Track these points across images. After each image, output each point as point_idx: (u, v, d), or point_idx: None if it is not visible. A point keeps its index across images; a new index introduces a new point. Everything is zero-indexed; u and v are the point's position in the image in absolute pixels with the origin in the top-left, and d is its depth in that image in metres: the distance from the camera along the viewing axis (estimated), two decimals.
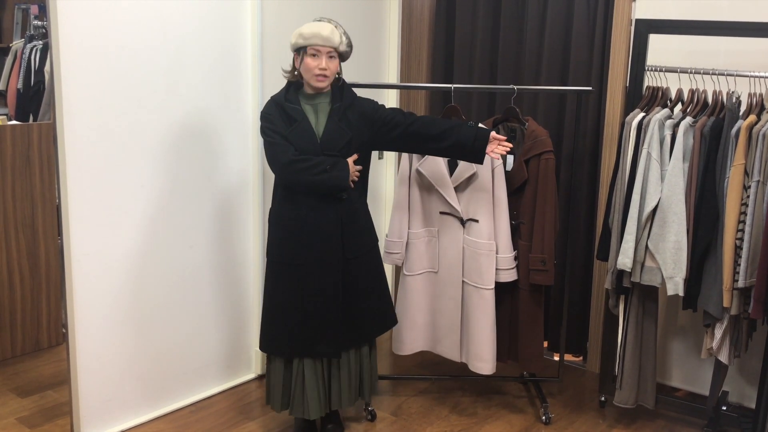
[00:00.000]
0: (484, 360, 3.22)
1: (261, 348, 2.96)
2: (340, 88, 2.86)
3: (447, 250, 3.24)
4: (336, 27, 2.75)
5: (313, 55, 2.70)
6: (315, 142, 2.76)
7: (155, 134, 3.03)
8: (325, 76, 2.72)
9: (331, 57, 2.72)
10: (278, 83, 3.48)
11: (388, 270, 4.35)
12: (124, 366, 3.08)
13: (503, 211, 3.17)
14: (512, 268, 3.20)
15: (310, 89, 2.80)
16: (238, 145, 3.39)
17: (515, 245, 3.23)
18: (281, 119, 2.78)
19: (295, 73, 2.83)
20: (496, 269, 3.18)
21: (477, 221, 3.16)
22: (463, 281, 3.22)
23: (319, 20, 2.76)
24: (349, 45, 2.79)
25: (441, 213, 3.22)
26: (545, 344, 3.91)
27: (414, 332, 3.35)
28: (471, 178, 3.14)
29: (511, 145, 2.88)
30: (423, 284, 3.32)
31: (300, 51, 2.75)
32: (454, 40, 4.01)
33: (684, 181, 2.87)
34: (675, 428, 3.26)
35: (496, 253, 3.17)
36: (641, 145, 2.93)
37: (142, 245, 3.06)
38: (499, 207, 3.16)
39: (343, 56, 2.80)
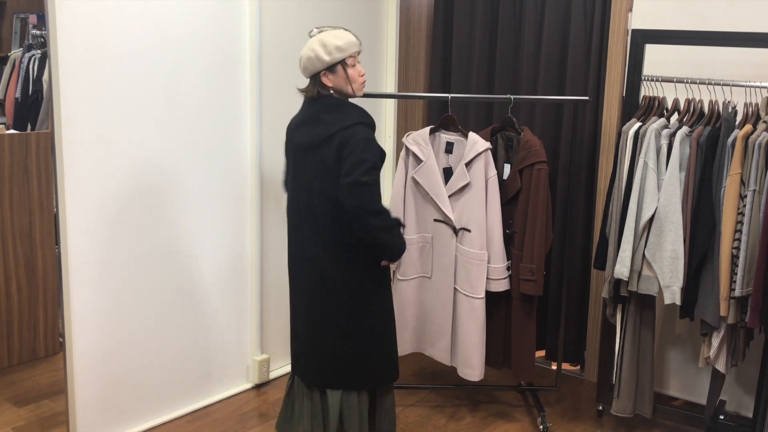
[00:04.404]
0: (471, 367, 3.24)
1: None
2: None
3: (440, 257, 3.25)
4: (346, 30, 2.67)
5: (353, 65, 2.62)
6: None
7: (153, 143, 3.04)
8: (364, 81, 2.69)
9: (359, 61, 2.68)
10: (276, 90, 3.50)
11: None
12: (121, 375, 3.08)
13: (496, 221, 3.18)
14: (504, 278, 3.21)
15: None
16: (236, 154, 3.39)
17: (509, 254, 3.24)
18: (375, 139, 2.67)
19: (331, 92, 2.64)
20: (488, 279, 3.19)
21: (469, 231, 3.16)
22: (454, 288, 3.23)
23: (330, 30, 2.64)
24: None
25: (435, 220, 3.23)
26: (542, 353, 3.92)
27: (406, 334, 3.37)
28: (465, 188, 3.15)
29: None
30: (416, 289, 3.33)
31: (335, 67, 2.59)
32: (451, 50, 4.03)
33: (680, 190, 2.87)
34: None
35: (488, 263, 3.18)
36: (638, 155, 2.94)
37: (140, 254, 3.06)
38: (493, 217, 3.17)
39: None
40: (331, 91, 2.64)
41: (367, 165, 2.49)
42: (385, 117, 4.15)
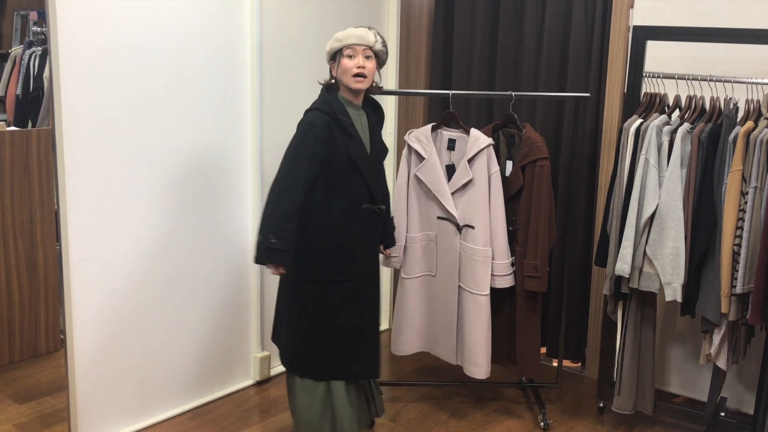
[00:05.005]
0: (478, 365, 3.23)
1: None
2: (372, 103, 2.88)
3: (444, 254, 3.25)
4: (370, 29, 2.74)
5: (350, 56, 2.69)
6: (370, 159, 2.79)
7: (154, 140, 3.04)
8: (363, 75, 2.70)
9: (367, 57, 2.71)
10: (277, 89, 3.49)
11: (386, 272, 4.35)
12: (123, 372, 3.08)
13: (500, 218, 3.18)
14: (509, 275, 3.21)
15: (351, 96, 2.76)
16: (238, 151, 3.39)
17: (513, 251, 3.24)
18: (338, 132, 2.71)
19: (333, 82, 2.79)
20: (492, 275, 3.18)
21: (473, 227, 3.16)
22: (459, 286, 3.23)
23: (356, 27, 2.76)
24: (384, 45, 2.77)
25: (438, 218, 3.23)
26: (543, 350, 3.92)
27: (411, 334, 3.37)
28: (468, 185, 3.15)
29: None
30: (420, 287, 3.33)
31: (336, 56, 2.73)
32: (452, 46, 4.02)
33: (682, 187, 2.87)
34: None
35: (492, 259, 3.17)
36: (639, 152, 2.93)
37: (141, 251, 3.06)
38: (496, 213, 3.17)
39: (379, 57, 2.76)
40: (337, 82, 2.77)
41: (290, 147, 2.68)
42: (386, 114, 4.13)
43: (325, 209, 2.72)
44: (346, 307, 2.80)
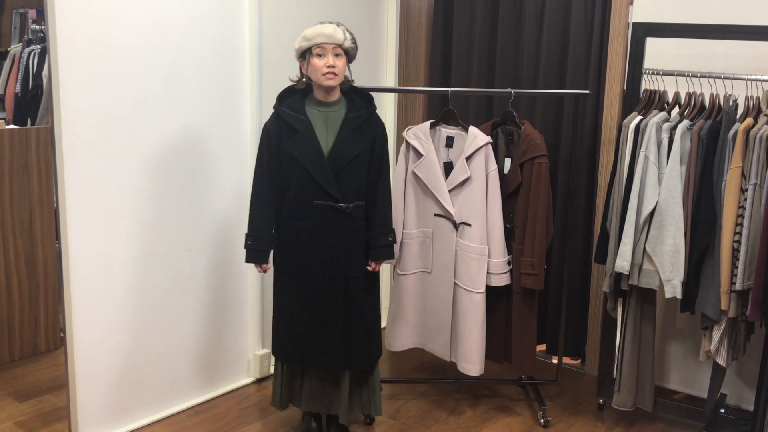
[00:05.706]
0: (471, 362, 3.23)
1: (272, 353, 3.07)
2: (362, 97, 2.86)
3: (440, 251, 3.25)
4: (338, 25, 2.74)
5: (319, 55, 2.69)
6: (320, 155, 2.74)
7: (154, 138, 3.04)
8: (334, 73, 2.70)
9: (337, 55, 2.71)
10: (276, 88, 3.48)
11: (385, 269, 4.35)
12: (123, 370, 3.08)
13: (497, 215, 3.17)
14: (505, 273, 3.21)
15: (321, 94, 2.78)
16: (236, 150, 3.39)
17: (510, 248, 3.24)
18: (284, 131, 2.76)
19: (303, 80, 2.81)
20: (488, 273, 3.18)
21: (470, 225, 3.16)
22: (454, 283, 3.23)
23: (321, 23, 2.76)
24: (354, 42, 2.77)
25: (435, 215, 3.23)
26: (543, 347, 3.92)
27: (406, 329, 3.37)
28: (465, 182, 3.15)
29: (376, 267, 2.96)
30: (416, 283, 3.33)
31: (305, 54, 2.73)
32: (451, 44, 4.02)
33: (681, 184, 2.87)
34: (673, 431, 3.27)
35: (489, 257, 3.17)
36: (639, 149, 2.93)
37: (141, 249, 3.06)
38: (493, 211, 3.17)
39: (349, 54, 2.77)
40: (299, 82, 2.83)
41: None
42: (385, 111, 4.14)
43: (280, 205, 2.84)
44: (293, 299, 2.88)
